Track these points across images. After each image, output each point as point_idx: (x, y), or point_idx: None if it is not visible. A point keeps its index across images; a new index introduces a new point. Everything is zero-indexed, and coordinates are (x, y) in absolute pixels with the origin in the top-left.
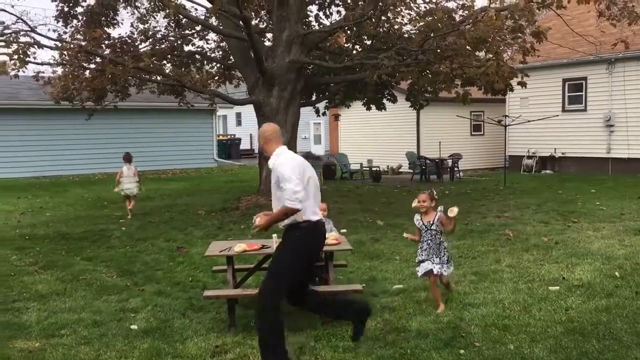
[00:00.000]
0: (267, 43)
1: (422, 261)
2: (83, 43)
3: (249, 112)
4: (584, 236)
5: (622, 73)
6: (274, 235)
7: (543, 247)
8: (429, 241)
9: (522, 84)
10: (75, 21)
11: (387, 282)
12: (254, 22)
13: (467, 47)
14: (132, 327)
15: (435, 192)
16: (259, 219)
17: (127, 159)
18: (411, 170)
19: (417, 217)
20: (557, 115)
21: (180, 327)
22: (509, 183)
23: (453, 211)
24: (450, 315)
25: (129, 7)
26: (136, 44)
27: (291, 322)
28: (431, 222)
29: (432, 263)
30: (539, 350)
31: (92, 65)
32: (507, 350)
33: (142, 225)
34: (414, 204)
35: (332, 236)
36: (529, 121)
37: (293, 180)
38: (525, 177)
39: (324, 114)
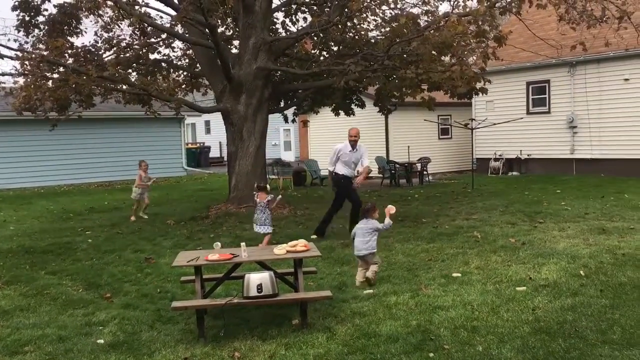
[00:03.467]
0: (234, 50)
1: None
2: (45, 53)
3: (218, 120)
4: (550, 236)
5: (583, 75)
6: (243, 244)
7: (510, 248)
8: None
9: (483, 90)
10: (37, 30)
11: (357, 287)
12: (220, 29)
13: (433, 52)
14: (99, 341)
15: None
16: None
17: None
18: (381, 175)
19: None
20: (522, 118)
21: (148, 340)
22: (476, 185)
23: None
24: (420, 318)
25: (92, 16)
26: (100, 52)
27: (261, 332)
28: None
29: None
30: (506, 350)
31: (55, 75)
32: (476, 352)
33: (109, 236)
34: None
35: (301, 242)
36: (494, 124)
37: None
38: (492, 179)
39: (293, 120)
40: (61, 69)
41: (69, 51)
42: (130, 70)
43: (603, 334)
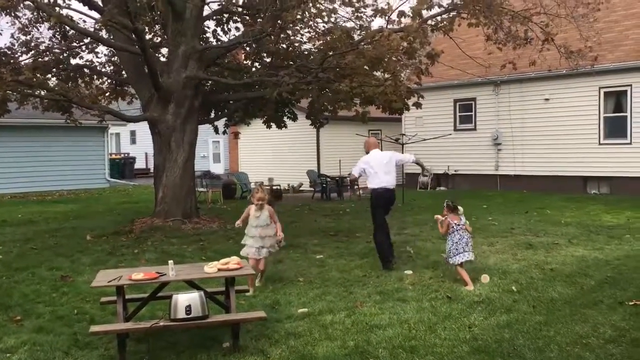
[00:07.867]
0: (163, 59)
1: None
2: None
3: (143, 130)
4: (480, 251)
5: (507, 94)
6: (170, 262)
7: (443, 263)
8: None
9: (418, 105)
10: None
11: (291, 305)
12: (148, 36)
13: (365, 66)
14: None
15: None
16: None
17: None
18: (312, 189)
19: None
20: (450, 134)
21: None
22: (407, 200)
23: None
24: (357, 338)
25: (8, 17)
26: (17, 55)
27: (188, 356)
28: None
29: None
30: None
31: None
32: None
33: (21, 252)
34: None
35: (233, 260)
36: (424, 140)
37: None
38: (421, 194)
39: (224, 132)
40: None
41: None
42: (49, 75)
43: (541, 352)
